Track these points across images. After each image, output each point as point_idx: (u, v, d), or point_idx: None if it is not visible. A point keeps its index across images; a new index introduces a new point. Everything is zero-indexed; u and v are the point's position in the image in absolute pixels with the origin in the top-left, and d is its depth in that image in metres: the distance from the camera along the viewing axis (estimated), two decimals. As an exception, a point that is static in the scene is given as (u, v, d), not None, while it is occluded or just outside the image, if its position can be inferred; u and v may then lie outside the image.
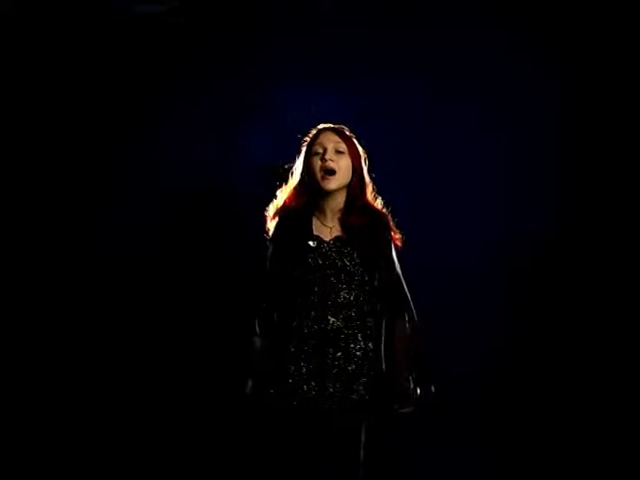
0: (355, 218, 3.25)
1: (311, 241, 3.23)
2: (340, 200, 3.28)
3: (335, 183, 3.23)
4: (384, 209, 3.36)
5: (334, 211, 3.29)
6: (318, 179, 3.23)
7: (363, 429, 3.14)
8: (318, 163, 3.25)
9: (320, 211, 3.29)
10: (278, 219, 3.31)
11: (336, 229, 3.27)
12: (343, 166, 3.25)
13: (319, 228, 3.27)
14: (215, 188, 4.17)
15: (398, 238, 3.32)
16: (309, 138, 3.34)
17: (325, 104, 3.98)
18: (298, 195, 3.30)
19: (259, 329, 3.21)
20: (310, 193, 3.27)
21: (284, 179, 3.40)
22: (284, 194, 3.34)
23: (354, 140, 3.33)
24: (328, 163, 3.23)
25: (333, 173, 3.22)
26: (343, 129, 3.34)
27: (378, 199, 3.37)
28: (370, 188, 3.35)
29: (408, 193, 4.08)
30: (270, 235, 3.32)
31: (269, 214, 3.35)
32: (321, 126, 3.35)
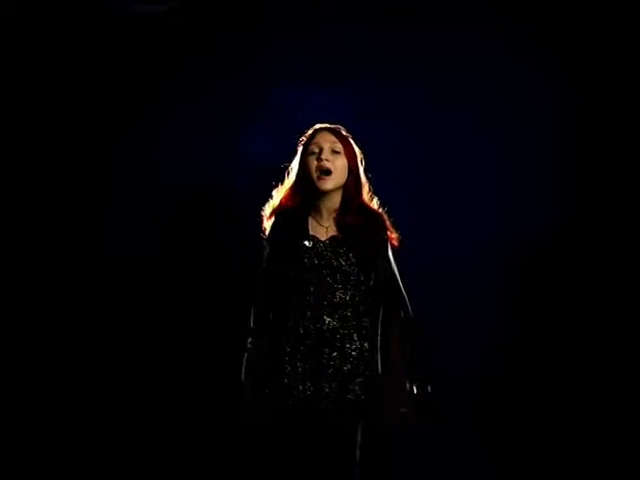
0: (351, 218, 3.25)
1: (307, 241, 3.23)
2: (336, 200, 3.27)
3: (331, 183, 3.22)
4: (380, 209, 3.34)
5: (330, 211, 3.28)
6: (314, 179, 3.22)
7: (359, 429, 3.14)
8: (314, 163, 3.24)
9: (316, 211, 3.28)
10: (274, 219, 3.31)
11: (332, 229, 3.26)
12: (339, 166, 3.24)
13: (315, 228, 3.26)
14: (215, 188, 4.17)
15: (394, 238, 3.31)
16: (305, 138, 3.33)
17: (325, 104, 3.97)
18: (294, 195, 3.30)
19: (255, 329, 3.20)
20: (306, 193, 3.27)
21: (281, 179, 3.40)
22: (280, 194, 3.33)
23: (350, 140, 3.32)
24: (324, 163, 3.22)
25: (329, 173, 3.21)
26: (339, 129, 3.33)
27: (374, 199, 3.36)
28: (366, 188, 3.34)
29: (408, 193, 4.09)
30: (266, 235, 3.32)
31: (265, 214, 3.35)
32: (317, 126, 3.34)
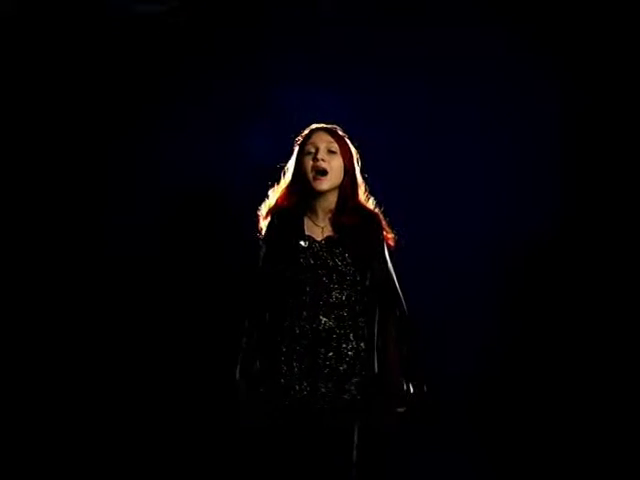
0: (346, 218, 3.24)
1: (303, 241, 3.22)
2: (332, 200, 3.27)
3: (327, 183, 3.22)
4: (376, 209, 3.34)
5: (326, 211, 3.27)
6: (310, 179, 3.22)
7: (355, 429, 3.14)
8: (310, 163, 3.23)
9: (312, 211, 3.28)
10: (270, 219, 3.31)
11: (328, 229, 3.26)
12: (335, 166, 3.24)
13: (311, 228, 3.26)
14: (215, 188, 4.17)
15: (391, 237, 3.30)
16: (301, 138, 3.33)
17: (325, 104, 3.97)
18: (290, 195, 3.29)
19: (250, 328, 3.20)
20: (302, 193, 3.26)
21: (278, 179, 3.40)
22: (276, 194, 3.33)
23: (346, 140, 3.32)
24: (320, 163, 3.21)
25: (325, 173, 3.21)
26: (336, 129, 3.33)
27: (370, 199, 3.36)
28: (362, 188, 3.33)
29: (409, 193, 4.09)
30: (262, 235, 3.32)
31: (261, 214, 3.35)
32: (313, 126, 3.33)
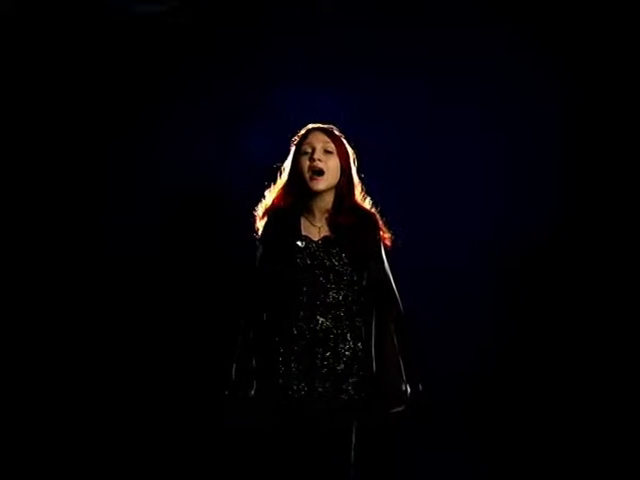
0: (343, 218, 3.24)
1: (299, 241, 3.22)
2: (328, 200, 3.26)
3: (323, 184, 3.22)
4: (373, 209, 3.34)
5: (322, 211, 3.27)
6: (306, 179, 3.22)
7: (353, 429, 3.14)
8: (306, 163, 3.23)
9: (308, 211, 3.28)
10: (267, 219, 3.31)
11: (324, 229, 3.26)
12: (332, 166, 3.23)
13: (307, 228, 3.26)
14: (215, 188, 4.17)
15: (387, 237, 3.30)
16: (298, 138, 3.33)
17: (325, 104, 3.98)
18: (286, 195, 3.29)
19: (247, 329, 3.20)
20: (298, 193, 3.26)
21: (275, 179, 3.40)
22: (272, 194, 3.33)
23: (343, 140, 3.31)
24: (316, 163, 3.21)
25: (321, 173, 3.21)
26: (332, 129, 3.32)
27: (367, 199, 3.35)
28: (359, 188, 3.33)
29: (409, 193, 4.09)
30: (259, 235, 3.32)
31: (258, 214, 3.35)
32: (310, 126, 3.33)
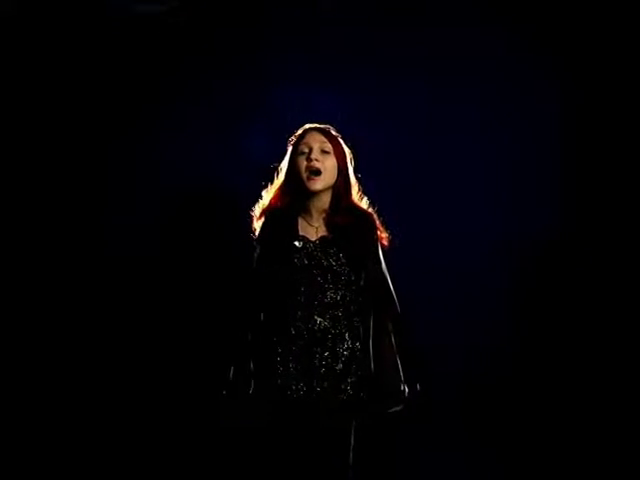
0: (340, 218, 3.24)
1: (297, 241, 3.22)
2: (325, 200, 3.26)
3: (321, 183, 3.21)
4: (370, 208, 3.34)
5: (319, 211, 3.27)
6: (304, 179, 3.22)
7: (352, 429, 3.14)
8: (304, 163, 3.23)
9: (305, 211, 3.27)
10: (264, 219, 3.31)
11: (322, 229, 3.25)
12: (329, 166, 3.23)
13: (305, 228, 3.25)
14: (215, 188, 4.17)
15: (385, 237, 3.30)
16: (295, 138, 3.32)
17: (325, 104, 3.98)
18: (283, 195, 3.29)
19: (245, 329, 3.20)
20: (295, 193, 3.26)
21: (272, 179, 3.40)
22: (269, 194, 3.33)
23: (340, 140, 3.31)
24: (314, 163, 3.21)
25: (319, 173, 3.20)
26: (329, 129, 3.32)
27: (364, 199, 3.35)
28: (356, 188, 3.33)
29: (409, 193, 4.09)
30: (256, 235, 3.32)
31: (255, 214, 3.35)
32: (307, 126, 3.33)
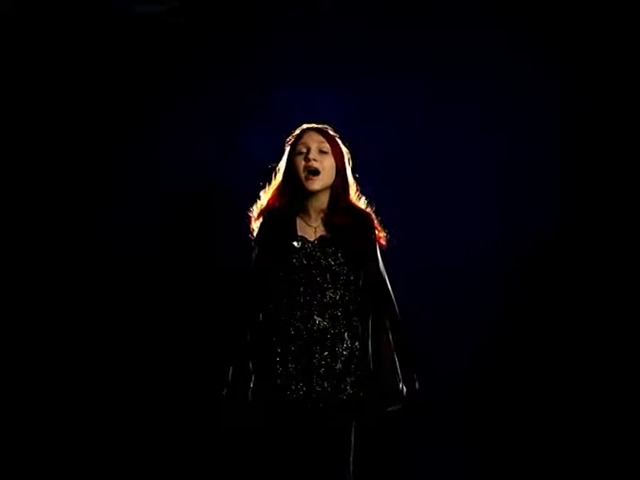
0: (338, 218, 3.23)
1: (295, 241, 3.22)
2: (324, 200, 3.26)
3: (319, 183, 3.21)
4: (368, 208, 3.33)
5: (318, 211, 3.27)
6: (302, 179, 3.22)
7: (352, 429, 3.14)
8: (302, 163, 3.23)
9: (304, 211, 3.27)
10: (262, 219, 3.30)
11: (320, 229, 3.25)
12: (327, 166, 3.23)
13: (303, 228, 3.25)
14: (215, 188, 4.17)
15: (382, 237, 3.30)
16: (292, 138, 3.32)
17: (325, 104, 3.98)
18: (281, 195, 3.29)
19: (244, 330, 3.20)
20: (293, 193, 3.26)
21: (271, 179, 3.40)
22: (267, 194, 3.33)
23: (337, 140, 3.31)
24: (312, 163, 3.21)
25: (317, 173, 3.20)
26: (327, 129, 3.32)
27: (362, 198, 3.35)
28: (354, 188, 3.32)
29: (409, 193, 4.09)
30: (254, 236, 3.32)
31: (253, 215, 3.34)
32: (305, 126, 3.33)
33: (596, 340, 4.06)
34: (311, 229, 3.26)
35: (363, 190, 3.37)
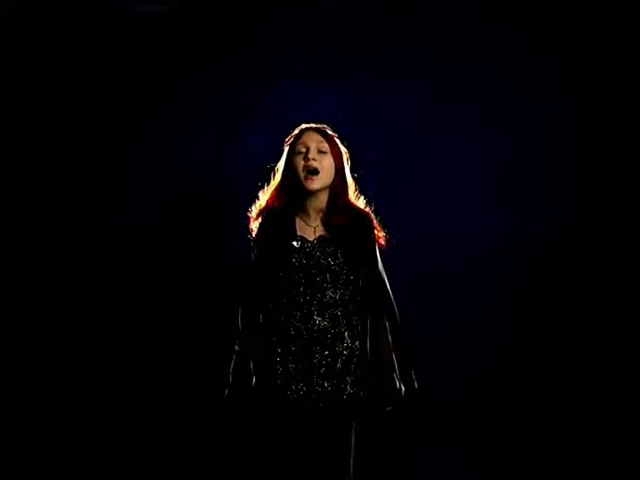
0: (337, 218, 3.23)
1: (295, 241, 3.22)
2: (323, 200, 3.26)
3: (318, 183, 3.21)
4: (367, 208, 3.33)
5: (317, 211, 3.27)
6: (301, 179, 3.22)
7: (353, 428, 3.14)
8: (301, 163, 3.23)
9: (303, 211, 3.27)
10: (261, 219, 3.30)
11: (320, 229, 3.25)
12: (326, 166, 3.23)
13: (302, 228, 3.25)
14: (215, 188, 4.18)
15: (382, 237, 3.30)
16: (291, 138, 3.32)
17: (325, 104, 3.98)
18: (280, 195, 3.29)
19: (244, 330, 3.20)
20: (292, 193, 3.26)
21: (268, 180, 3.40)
22: (266, 195, 3.33)
23: (336, 139, 3.31)
24: (311, 163, 3.21)
25: (316, 173, 3.20)
26: (325, 129, 3.32)
27: (361, 198, 3.35)
28: (353, 188, 3.32)
29: (408, 193, 4.09)
30: (254, 236, 3.32)
31: (252, 215, 3.34)
32: (303, 126, 3.33)
33: (598, 339, 4.06)
34: (310, 229, 3.26)
35: (362, 190, 3.37)
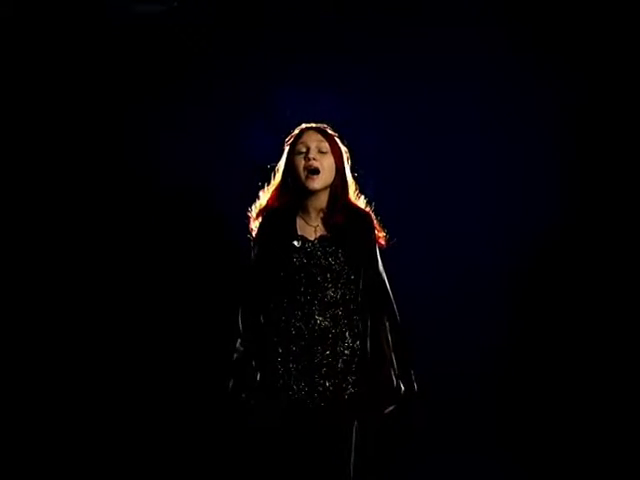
0: (338, 217, 3.23)
1: (295, 241, 3.22)
2: (323, 199, 3.25)
3: (319, 182, 3.20)
4: (367, 208, 3.33)
5: (317, 210, 3.26)
6: (302, 179, 3.21)
7: (354, 428, 3.14)
8: (302, 162, 3.22)
9: (304, 211, 3.26)
10: (261, 219, 3.30)
11: (320, 228, 3.24)
12: (327, 165, 3.22)
13: (303, 228, 3.24)
14: (215, 188, 4.18)
15: (382, 237, 3.29)
16: (292, 138, 3.32)
17: (325, 104, 3.98)
18: (281, 195, 3.27)
19: (245, 330, 3.20)
20: (293, 193, 3.25)
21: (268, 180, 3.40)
22: (266, 194, 3.32)
23: (336, 139, 3.30)
24: (312, 162, 3.20)
25: (317, 172, 3.19)
26: (326, 128, 3.30)
27: (361, 198, 3.35)
28: (353, 187, 3.31)
29: (409, 193, 4.10)
30: (254, 236, 3.32)
31: (252, 215, 3.34)
32: (303, 125, 3.32)
33: (599, 337, 4.06)
34: (311, 228, 3.25)
35: (362, 190, 3.37)
